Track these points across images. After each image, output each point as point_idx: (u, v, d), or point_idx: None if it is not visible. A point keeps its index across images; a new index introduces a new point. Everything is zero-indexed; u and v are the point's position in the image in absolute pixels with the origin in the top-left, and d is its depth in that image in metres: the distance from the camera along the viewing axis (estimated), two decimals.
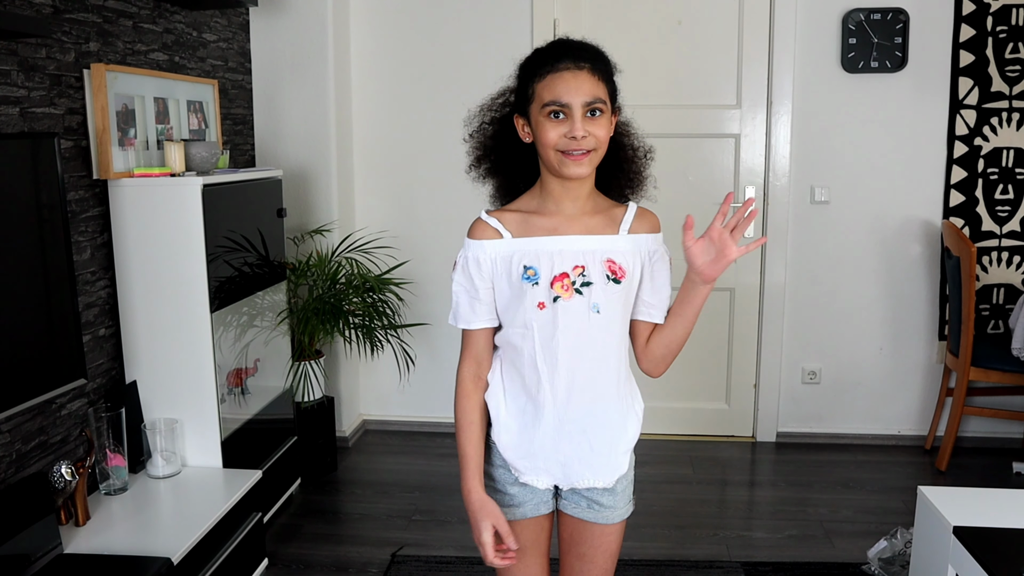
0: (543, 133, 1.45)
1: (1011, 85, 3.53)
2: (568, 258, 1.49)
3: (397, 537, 2.93)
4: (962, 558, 1.90)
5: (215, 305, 2.59)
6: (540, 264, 1.49)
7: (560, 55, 1.45)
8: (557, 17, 3.64)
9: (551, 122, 1.44)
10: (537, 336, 1.51)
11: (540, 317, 1.50)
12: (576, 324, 1.49)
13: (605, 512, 1.60)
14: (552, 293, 1.49)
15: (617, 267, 1.50)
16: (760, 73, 3.63)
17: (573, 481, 1.58)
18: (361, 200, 3.83)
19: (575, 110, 1.43)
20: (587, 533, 1.62)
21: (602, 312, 1.50)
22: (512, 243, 1.51)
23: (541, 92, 1.45)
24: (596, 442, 1.56)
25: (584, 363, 1.52)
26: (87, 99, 2.42)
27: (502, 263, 1.51)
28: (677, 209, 3.75)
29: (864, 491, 3.32)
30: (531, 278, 1.49)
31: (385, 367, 3.79)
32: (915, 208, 3.65)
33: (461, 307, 1.55)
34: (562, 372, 1.51)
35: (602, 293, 1.49)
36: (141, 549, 2.12)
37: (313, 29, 3.50)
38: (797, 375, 3.81)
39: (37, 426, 2.27)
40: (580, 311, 1.49)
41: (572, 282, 1.49)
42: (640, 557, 2.77)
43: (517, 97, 1.53)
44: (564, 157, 1.45)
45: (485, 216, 1.54)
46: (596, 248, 1.50)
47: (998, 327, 3.69)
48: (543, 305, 1.49)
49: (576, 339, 1.50)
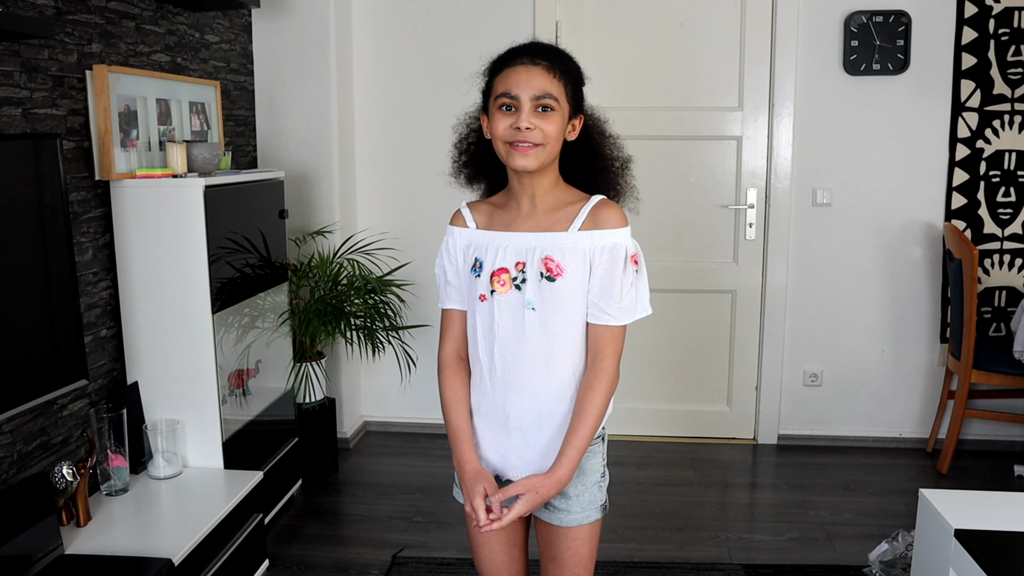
0: (494, 125, 1.51)
1: (1013, 88, 3.52)
2: (511, 254, 1.53)
3: (398, 539, 2.93)
4: (963, 561, 1.90)
5: (217, 306, 2.59)
6: (486, 257, 1.56)
7: (519, 52, 1.51)
8: (559, 19, 3.64)
9: (501, 114, 1.50)
10: (479, 327, 1.56)
11: (481, 309, 1.55)
12: (510, 319, 1.53)
13: (559, 514, 1.59)
14: (489, 287, 1.54)
15: (554, 264, 1.50)
16: (762, 75, 3.63)
17: (509, 473, 1.59)
18: (363, 201, 3.83)
19: (524, 103, 1.47)
20: (553, 536, 1.62)
21: (538, 310, 1.51)
22: (473, 234, 1.59)
23: (496, 85, 1.51)
24: (533, 440, 1.56)
25: (521, 360, 1.53)
26: (89, 100, 2.42)
27: (462, 252, 1.60)
28: (678, 211, 3.80)
29: (865, 494, 3.31)
30: (477, 270, 1.56)
31: (386, 368, 3.79)
32: (917, 211, 3.65)
33: (440, 288, 1.65)
34: (498, 365, 1.55)
35: (536, 290, 1.51)
36: (142, 550, 2.12)
37: (315, 31, 3.51)
38: (798, 377, 3.81)
39: (38, 427, 2.27)
40: (514, 306, 1.52)
41: (513, 278, 1.52)
42: (641, 559, 2.77)
43: (483, 96, 1.58)
44: (511, 148, 1.49)
45: (463, 206, 1.64)
46: (537, 245, 1.52)
47: (1000, 330, 3.68)
48: (484, 297, 1.55)
49: (512, 334, 1.53)
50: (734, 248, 3.75)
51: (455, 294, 1.63)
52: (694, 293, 3.78)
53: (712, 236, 3.75)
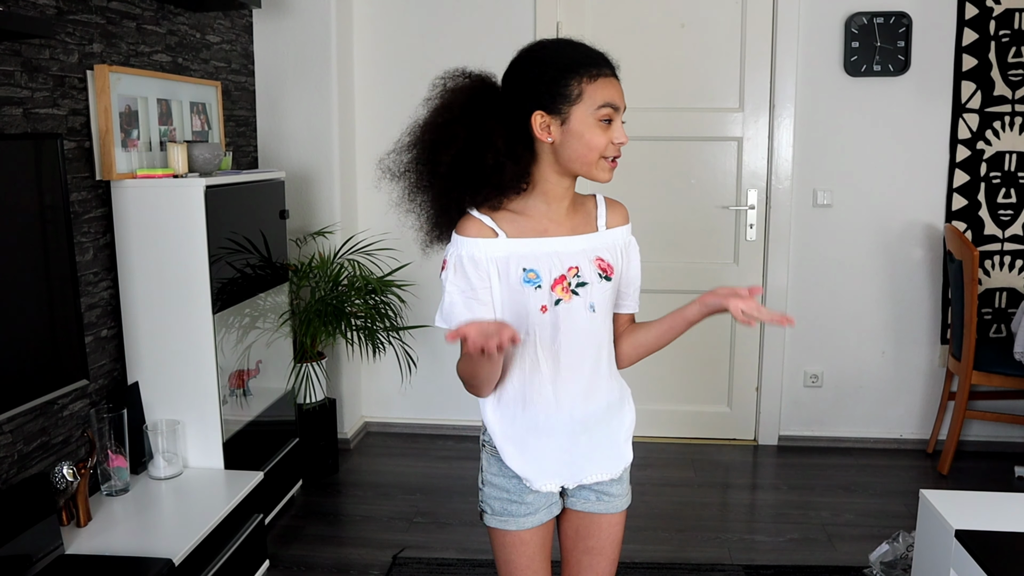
0: (593, 136, 1.44)
1: (1014, 89, 3.53)
2: (564, 260, 1.50)
3: (398, 539, 2.93)
4: (964, 562, 1.89)
5: (217, 306, 2.59)
6: (540, 267, 1.47)
7: (599, 60, 1.46)
8: (560, 20, 3.64)
9: (601, 127, 1.45)
10: (539, 339, 1.50)
11: (542, 320, 1.49)
12: (576, 325, 1.51)
13: (615, 501, 1.63)
14: (554, 296, 1.49)
15: (606, 264, 1.53)
16: (763, 76, 3.63)
17: (581, 479, 1.59)
18: (363, 202, 3.83)
19: (619, 116, 1.47)
20: (595, 526, 1.64)
21: (597, 311, 1.52)
22: (507, 243, 1.46)
23: (594, 93, 1.43)
24: (599, 437, 1.58)
25: (585, 363, 1.54)
26: (90, 100, 2.42)
27: (496, 264, 1.46)
28: (679, 211, 3.79)
29: (866, 495, 3.31)
30: (532, 281, 1.47)
31: (387, 369, 3.79)
32: (917, 212, 3.65)
33: (456, 307, 1.46)
34: (564, 374, 1.52)
35: (598, 292, 1.52)
36: (142, 550, 2.12)
37: (316, 31, 3.51)
38: (799, 378, 3.81)
39: (39, 427, 2.27)
40: (579, 312, 1.51)
41: (568, 284, 1.50)
42: (641, 560, 2.77)
43: (541, 92, 1.44)
44: (606, 163, 1.48)
45: (477, 213, 1.48)
46: (585, 248, 1.52)
47: (1000, 331, 3.68)
48: (545, 308, 1.49)
49: (576, 340, 1.52)
50: (734, 249, 3.75)
51: (484, 312, 1.46)
52: (695, 294, 3.72)
53: (713, 237, 3.74)
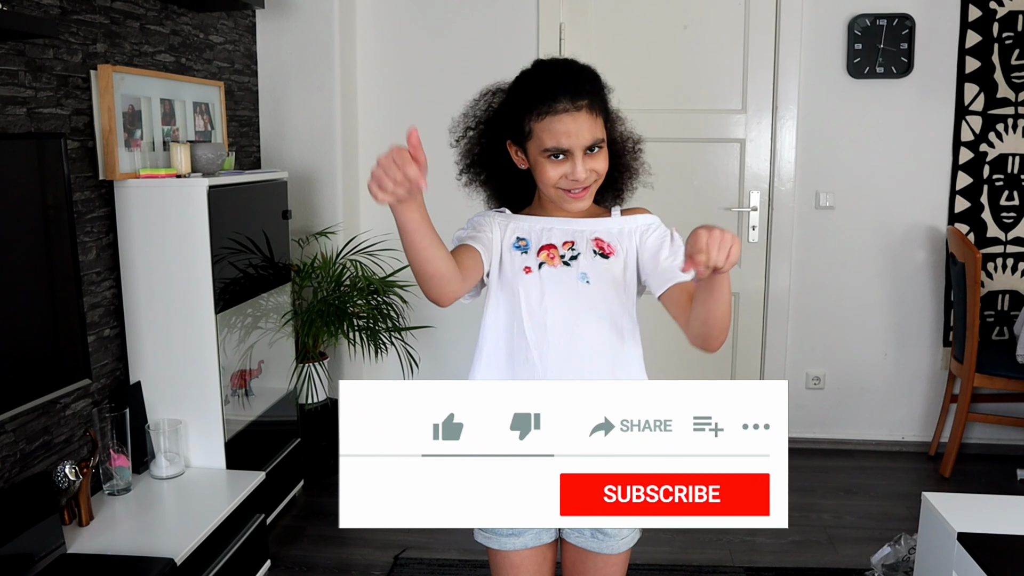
0: (543, 172, 1.46)
1: (1017, 91, 3.52)
2: (558, 235, 1.52)
3: (400, 540, 2.93)
4: (966, 565, 1.89)
5: (220, 306, 2.59)
6: (531, 236, 1.52)
7: (556, 92, 1.40)
8: (563, 22, 3.65)
9: (551, 163, 1.44)
10: (523, 302, 1.48)
11: (526, 282, 1.48)
12: (562, 291, 1.47)
13: (609, 542, 1.52)
14: (538, 260, 1.50)
15: (605, 244, 1.51)
16: (765, 78, 3.63)
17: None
18: (366, 202, 3.83)
19: (576, 153, 1.43)
20: (589, 564, 1.55)
21: (592, 283, 1.48)
22: (511, 217, 1.56)
23: (540, 135, 1.43)
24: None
25: (587, 329, 1.47)
26: (94, 100, 2.42)
27: (500, 227, 1.54)
28: (681, 213, 3.79)
29: (868, 497, 3.31)
30: (521, 247, 1.51)
31: (389, 370, 3.78)
32: (920, 214, 3.65)
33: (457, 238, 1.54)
34: (552, 340, 1.46)
35: (590, 264, 1.49)
36: (144, 550, 2.12)
37: (319, 32, 3.51)
38: (801, 380, 3.81)
39: (41, 426, 2.27)
40: (566, 279, 1.48)
41: (561, 255, 1.50)
42: (643, 562, 2.77)
43: (509, 123, 1.49)
44: (565, 194, 1.47)
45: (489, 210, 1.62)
46: (585, 228, 1.53)
47: (1003, 333, 3.68)
48: (529, 269, 1.49)
49: (565, 307, 1.47)
50: None
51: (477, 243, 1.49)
52: None
53: None
